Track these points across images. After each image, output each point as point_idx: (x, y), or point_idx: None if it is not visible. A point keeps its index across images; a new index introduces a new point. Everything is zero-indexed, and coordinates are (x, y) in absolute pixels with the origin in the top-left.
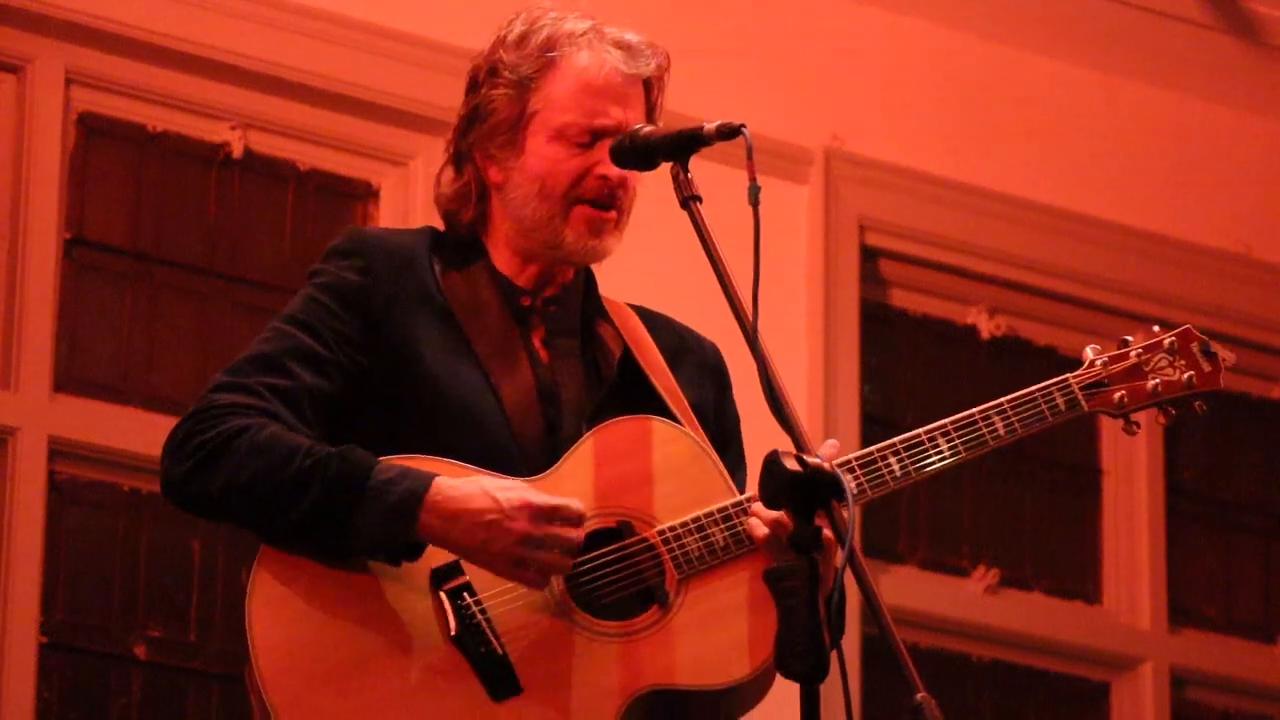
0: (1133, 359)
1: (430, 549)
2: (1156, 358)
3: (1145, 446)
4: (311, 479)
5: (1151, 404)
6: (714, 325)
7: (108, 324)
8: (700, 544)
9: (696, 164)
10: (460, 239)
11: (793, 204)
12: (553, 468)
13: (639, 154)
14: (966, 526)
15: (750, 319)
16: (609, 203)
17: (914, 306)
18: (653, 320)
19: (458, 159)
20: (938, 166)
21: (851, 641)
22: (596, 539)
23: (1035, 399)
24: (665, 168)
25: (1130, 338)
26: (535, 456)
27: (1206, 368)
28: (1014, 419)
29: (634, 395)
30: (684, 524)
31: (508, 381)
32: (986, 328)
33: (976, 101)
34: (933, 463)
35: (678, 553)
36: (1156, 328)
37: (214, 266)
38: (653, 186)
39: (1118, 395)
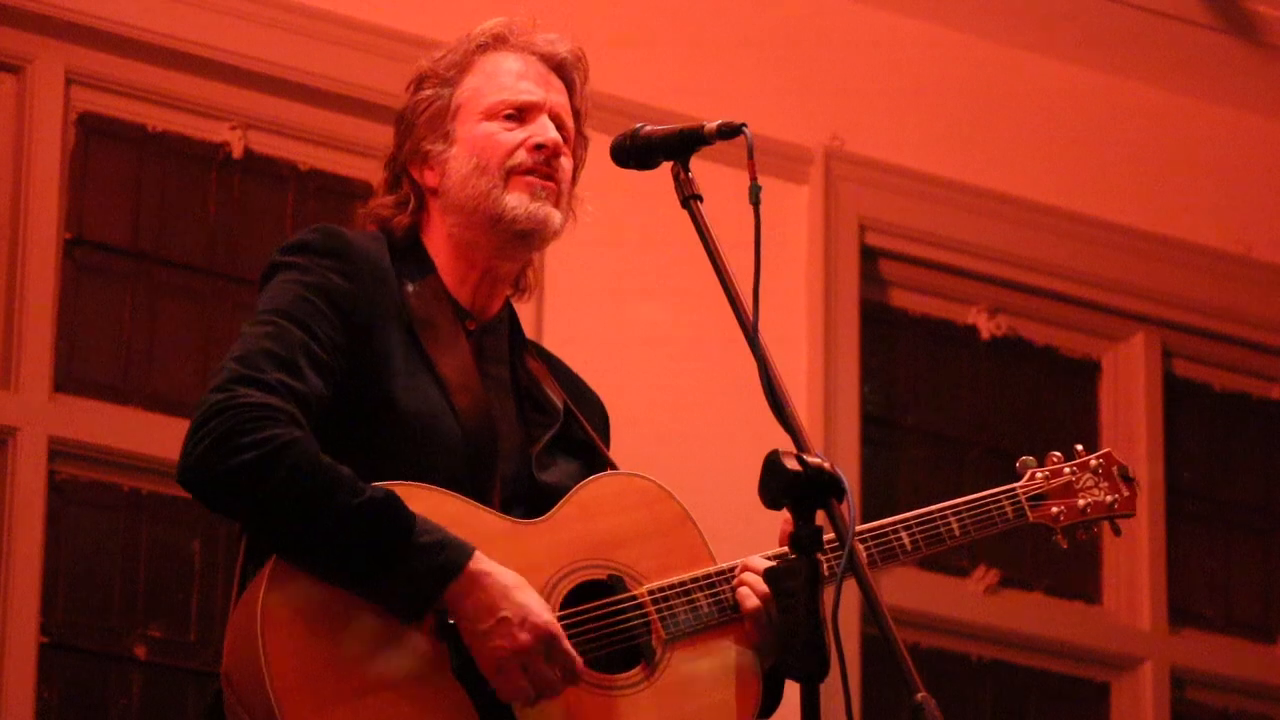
0: (1066, 475)
1: None
2: (1084, 477)
3: (1145, 446)
4: (355, 523)
5: (1081, 523)
6: (714, 325)
7: (108, 324)
8: (687, 608)
9: (696, 163)
10: (409, 249)
11: (793, 204)
12: (549, 513)
13: (639, 153)
14: None
15: (750, 319)
16: (547, 173)
17: (914, 306)
18: (549, 360)
19: (393, 180)
20: (938, 166)
21: (851, 641)
22: (589, 590)
23: (987, 506)
24: (666, 167)
25: (1057, 454)
26: (481, 486)
27: (1125, 492)
28: (969, 522)
29: (570, 436)
30: (672, 586)
31: (463, 405)
32: (986, 328)
33: (976, 101)
34: (896, 556)
35: (665, 614)
36: (1079, 447)
37: (214, 266)
38: (653, 186)
39: (1055, 510)
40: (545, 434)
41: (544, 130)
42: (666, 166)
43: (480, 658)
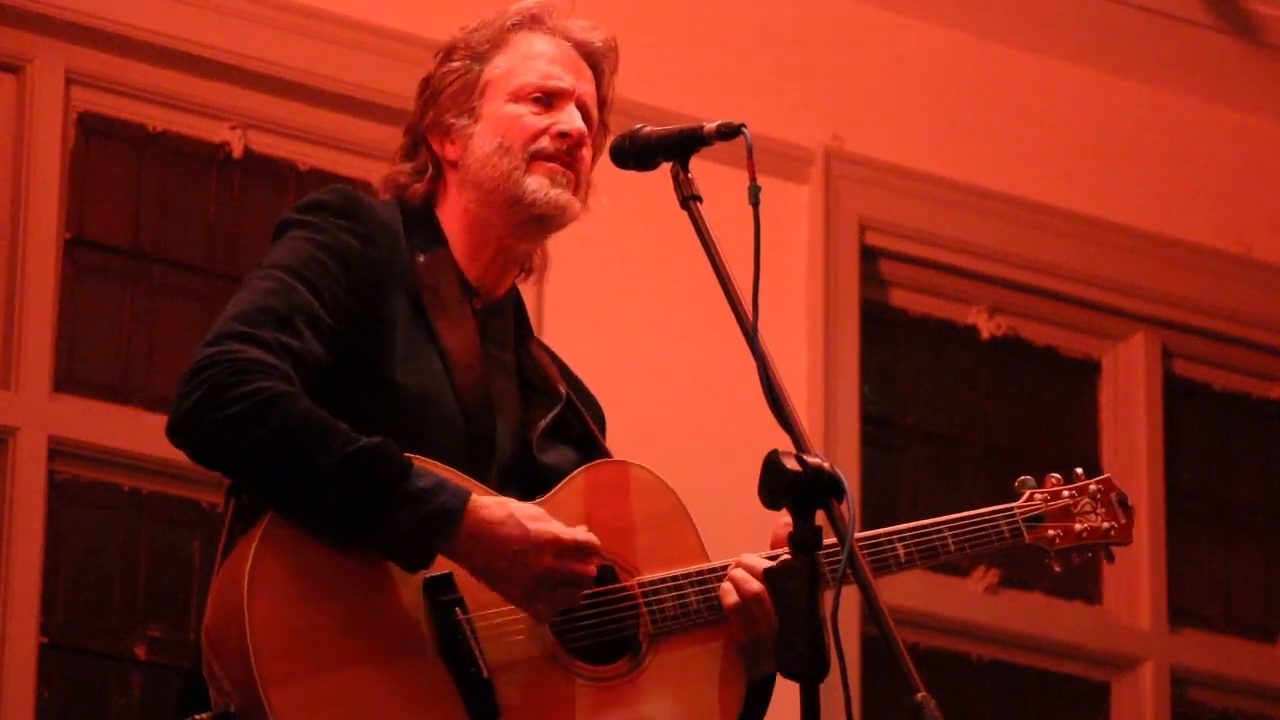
0: (1065, 499)
1: None
2: (1082, 501)
3: (1145, 446)
4: (350, 470)
5: (1077, 547)
6: (714, 325)
7: (108, 324)
8: (676, 603)
9: (696, 164)
10: (422, 219)
11: (793, 204)
12: (546, 497)
13: (638, 153)
14: None
15: (750, 319)
16: (568, 161)
17: (914, 306)
18: (552, 355)
19: (412, 147)
20: (938, 166)
21: (851, 641)
22: None
23: (984, 525)
24: (665, 168)
25: (1056, 475)
26: (477, 463)
27: (1122, 519)
28: (965, 539)
29: (568, 425)
30: (663, 580)
31: (464, 381)
32: (986, 328)
33: (976, 101)
34: (890, 567)
35: (655, 608)
36: (1079, 470)
37: (214, 266)
38: (653, 186)
39: (1051, 533)
40: (546, 415)
41: (571, 119)
42: (666, 167)
43: (510, 597)
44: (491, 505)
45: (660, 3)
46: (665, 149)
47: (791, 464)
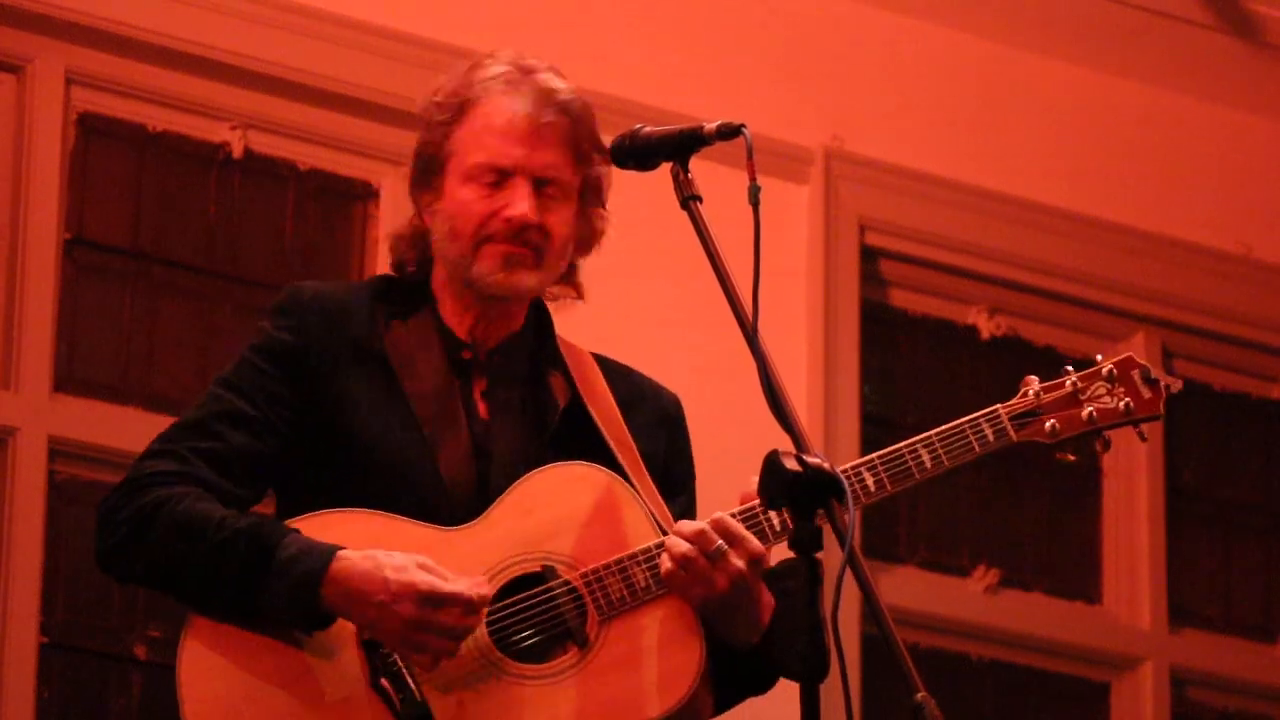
0: (1067, 388)
1: None
2: (1094, 386)
3: (1145, 446)
4: (222, 558)
5: (1085, 432)
6: (714, 325)
7: (108, 324)
8: (622, 585)
9: (696, 164)
10: (408, 287)
11: (793, 204)
12: (480, 516)
13: (638, 153)
14: (966, 527)
15: (750, 319)
16: (518, 243)
17: (914, 306)
18: (611, 370)
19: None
20: (938, 166)
21: (851, 641)
22: (521, 583)
23: (963, 431)
24: (665, 168)
25: (1070, 367)
26: (466, 512)
27: (1146, 394)
28: (940, 451)
29: (579, 445)
30: (606, 566)
31: (443, 436)
32: (986, 328)
33: (976, 101)
34: (858, 500)
35: (599, 594)
36: (1099, 357)
37: (214, 266)
38: (653, 186)
39: (1049, 424)
40: (542, 447)
41: (518, 202)
42: (666, 167)
43: (391, 646)
44: (358, 560)
45: (660, 3)
46: (665, 149)
47: (791, 464)
